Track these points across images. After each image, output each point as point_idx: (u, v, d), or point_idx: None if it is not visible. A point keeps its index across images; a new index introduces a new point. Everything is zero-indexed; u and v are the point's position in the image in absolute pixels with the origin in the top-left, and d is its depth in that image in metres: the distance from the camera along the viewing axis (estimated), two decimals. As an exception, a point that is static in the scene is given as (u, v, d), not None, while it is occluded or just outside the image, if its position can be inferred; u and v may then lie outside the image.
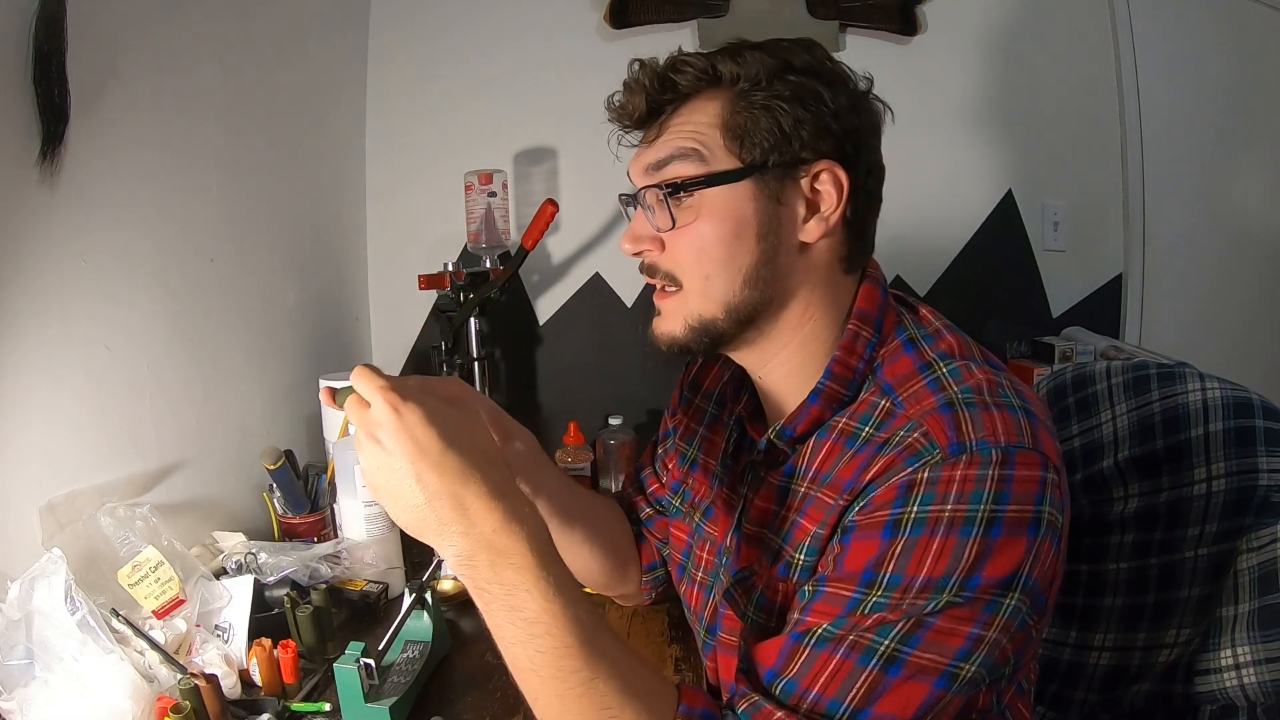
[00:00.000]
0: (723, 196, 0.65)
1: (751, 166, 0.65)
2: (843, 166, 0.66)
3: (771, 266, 0.66)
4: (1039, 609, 0.57)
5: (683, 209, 0.66)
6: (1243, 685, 0.72)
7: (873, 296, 0.68)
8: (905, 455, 0.58)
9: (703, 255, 0.66)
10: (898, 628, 0.54)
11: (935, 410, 0.59)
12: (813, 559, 0.62)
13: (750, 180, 0.65)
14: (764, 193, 0.65)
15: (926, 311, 0.71)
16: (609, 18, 1.58)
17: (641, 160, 0.69)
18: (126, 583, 0.84)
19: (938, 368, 0.63)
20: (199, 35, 1.12)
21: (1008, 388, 0.61)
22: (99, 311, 0.96)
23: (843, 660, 0.54)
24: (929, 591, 0.54)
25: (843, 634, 0.55)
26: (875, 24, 1.60)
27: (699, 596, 0.79)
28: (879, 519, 0.56)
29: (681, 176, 0.66)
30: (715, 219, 0.65)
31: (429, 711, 0.79)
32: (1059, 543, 0.57)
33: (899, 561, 0.55)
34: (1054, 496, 0.56)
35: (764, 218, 0.65)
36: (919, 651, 0.53)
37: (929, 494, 0.55)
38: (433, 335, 1.56)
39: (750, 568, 0.69)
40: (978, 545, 0.53)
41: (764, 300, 0.66)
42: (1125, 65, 1.64)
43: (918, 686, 0.53)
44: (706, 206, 0.65)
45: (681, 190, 0.65)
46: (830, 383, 0.65)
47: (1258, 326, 1.76)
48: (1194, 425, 0.76)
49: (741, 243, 0.65)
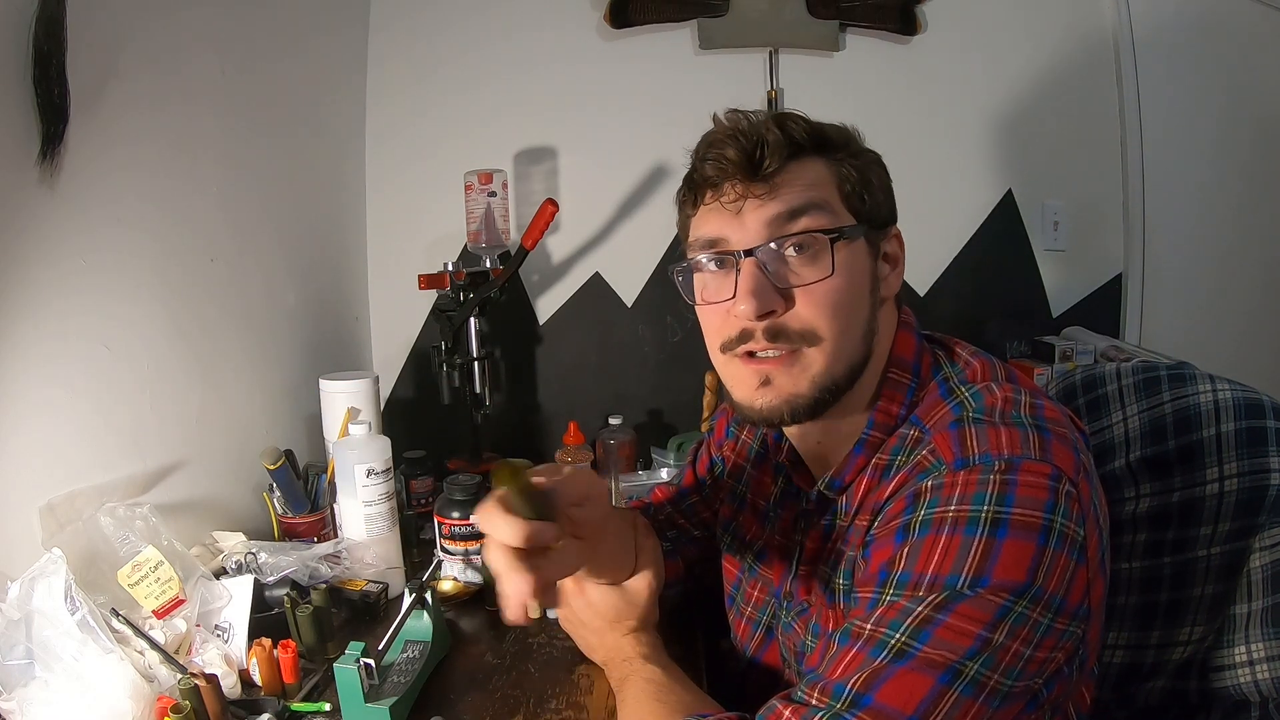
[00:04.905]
0: (850, 251, 0.66)
1: (871, 223, 0.68)
2: None
3: (874, 321, 0.69)
4: (1070, 619, 0.56)
5: (818, 264, 0.65)
6: (1256, 682, 0.73)
7: (908, 343, 0.71)
8: (915, 472, 0.61)
9: (839, 310, 0.65)
10: (908, 622, 0.55)
11: (945, 430, 0.62)
12: (848, 582, 0.67)
13: (864, 237, 0.67)
14: (872, 250, 0.69)
15: (959, 348, 0.73)
16: (609, 17, 1.58)
17: (764, 212, 0.65)
18: (126, 583, 0.84)
19: (960, 393, 0.67)
20: (198, 35, 1.12)
21: (1024, 405, 0.62)
22: (99, 311, 0.95)
23: (857, 652, 0.56)
24: (938, 588, 0.55)
25: (859, 628, 0.57)
26: (875, 24, 1.60)
27: (746, 629, 0.84)
28: (892, 527, 0.60)
29: (818, 228, 0.65)
30: (847, 273, 0.66)
31: (429, 711, 0.79)
32: (1081, 555, 0.56)
33: (908, 560, 0.57)
34: (1069, 508, 0.56)
35: (873, 273, 0.69)
36: (928, 647, 0.54)
37: (934, 498, 0.58)
38: (433, 335, 1.56)
39: (808, 600, 0.74)
40: (983, 544, 0.55)
41: (868, 357, 0.68)
42: (1125, 65, 1.65)
43: (922, 679, 0.53)
44: (840, 260, 0.65)
45: (842, 238, 0.65)
46: (874, 432, 0.69)
47: (1258, 326, 1.76)
48: (1206, 426, 0.77)
49: (863, 298, 0.68)
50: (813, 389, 0.66)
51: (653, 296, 1.68)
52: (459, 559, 1.05)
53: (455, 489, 1.05)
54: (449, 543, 1.05)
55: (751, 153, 0.65)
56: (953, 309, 1.68)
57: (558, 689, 0.83)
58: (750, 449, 0.87)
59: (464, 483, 1.06)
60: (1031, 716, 0.60)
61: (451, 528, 1.04)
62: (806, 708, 0.56)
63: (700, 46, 1.60)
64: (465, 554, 1.05)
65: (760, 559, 0.82)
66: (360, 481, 1.03)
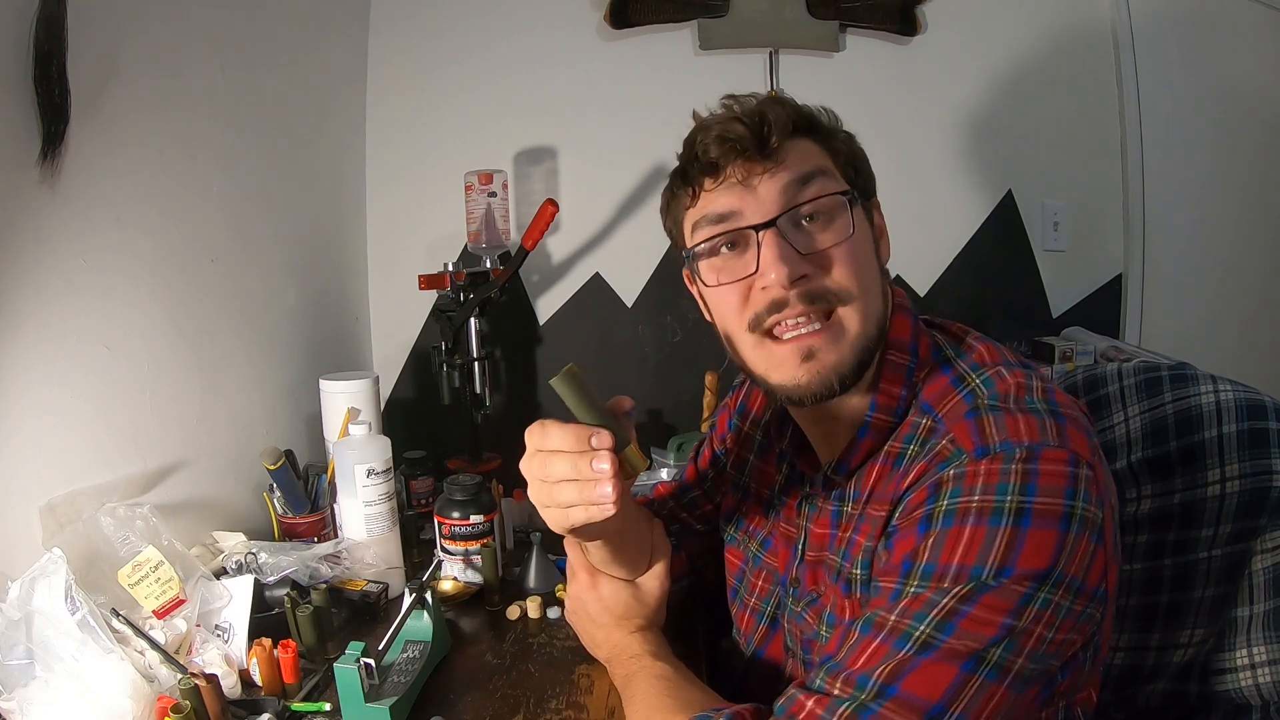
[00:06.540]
0: (859, 215, 0.68)
1: (865, 191, 0.71)
2: None
3: (886, 283, 0.71)
4: (1089, 600, 0.57)
5: (835, 226, 0.67)
6: (1257, 685, 0.73)
7: (904, 325, 0.71)
8: (935, 462, 0.61)
9: (864, 269, 0.67)
10: (933, 614, 0.56)
11: (962, 420, 0.62)
12: (866, 572, 0.66)
13: (861, 204, 0.70)
14: (869, 216, 0.72)
15: (956, 328, 0.74)
16: (609, 17, 1.58)
17: (775, 181, 0.66)
18: (126, 583, 0.84)
19: (971, 379, 0.66)
20: (199, 35, 1.12)
21: (1037, 391, 0.63)
22: (99, 311, 0.96)
23: (881, 643, 0.57)
24: (962, 579, 0.55)
25: (883, 619, 0.58)
26: (875, 24, 1.60)
27: (750, 621, 0.84)
28: (914, 517, 0.60)
29: (830, 192, 0.67)
30: (861, 234, 0.68)
31: (429, 711, 0.79)
32: (1100, 537, 0.57)
33: (932, 551, 0.57)
34: (1089, 492, 0.57)
35: (874, 237, 0.72)
36: (953, 638, 0.55)
37: (956, 488, 0.58)
38: (433, 335, 1.56)
39: (817, 590, 0.73)
40: (1008, 535, 0.55)
41: (889, 314, 0.70)
42: (1125, 65, 1.65)
43: (947, 668, 0.54)
44: (856, 221, 0.67)
45: (855, 200, 0.67)
46: (877, 414, 0.68)
47: (1258, 326, 1.76)
48: (1207, 427, 0.77)
49: (874, 260, 0.70)
50: (853, 352, 0.66)
51: (653, 297, 1.68)
52: (459, 559, 1.05)
53: (455, 489, 1.05)
54: (449, 543, 1.05)
55: (759, 129, 0.66)
56: (953, 309, 1.68)
57: (558, 689, 0.83)
58: (754, 440, 0.88)
59: (464, 483, 1.06)
60: (1045, 712, 0.60)
61: (451, 528, 1.04)
62: (830, 698, 0.56)
63: (700, 47, 1.60)
64: (465, 554, 1.05)
65: (765, 547, 0.83)
66: (360, 481, 1.03)
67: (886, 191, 0.75)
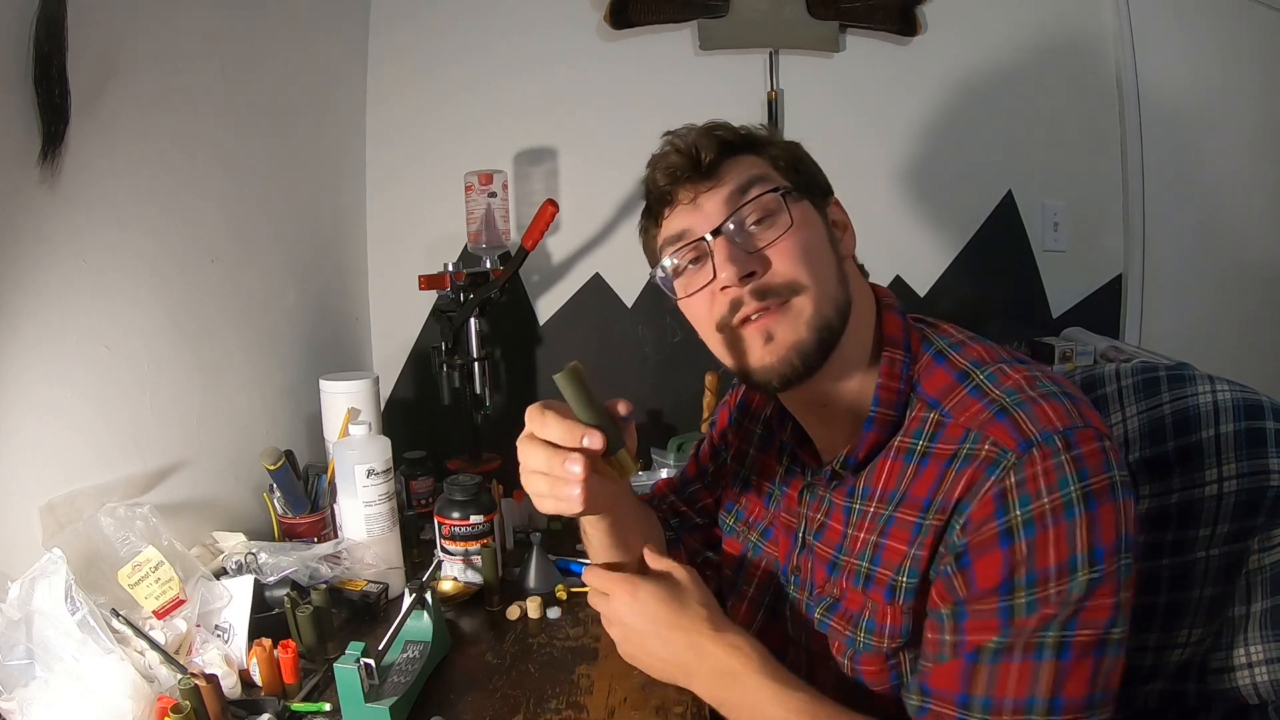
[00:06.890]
0: (801, 209, 0.73)
1: (809, 189, 0.75)
2: None
3: (843, 270, 0.74)
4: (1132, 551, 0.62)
5: (778, 223, 0.71)
6: (1255, 684, 0.73)
7: (895, 322, 0.75)
8: (984, 467, 0.63)
9: (810, 257, 0.71)
10: (1056, 619, 0.59)
11: (993, 420, 0.64)
12: (915, 580, 0.67)
13: (808, 200, 0.74)
14: (820, 214, 0.76)
15: (946, 326, 0.77)
16: (609, 18, 1.58)
17: (717, 195, 0.73)
18: (126, 583, 0.84)
19: (974, 375, 0.69)
20: (199, 36, 1.12)
21: (1044, 378, 0.67)
22: (99, 311, 0.96)
23: (1022, 664, 0.60)
24: (1065, 576, 0.59)
25: (1012, 641, 0.60)
26: (875, 24, 1.60)
27: (748, 611, 0.85)
28: (989, 534, 0.62)
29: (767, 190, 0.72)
30: (804, 225, 0.72)
31: (429, 711, 0.79)
32: (1134, 494, 0.63)
33: (1029, 561, 0.60)
34: (1116, 459, 0.62)
35: (826, 230, 0.75)
36: (1080, 632, 0.59)
37: (1024, 496, 0.61)
38: (433, 335, 1.56)
39: (834, 593, 0.74)
40: (1085, 521, 0.59)
41: (850, 300, 0.73)
42: (1125, 65, 1.65)
43: (1086, 663, 0.59)
44: (796, 215, 0.71)
45: (790, 193, 0.72)
46: (881, 408, 0.71)
47: (1258, 327, 1.76)
48: (1205, 427, 0.77)
49: (826, 249, 0.74)
50: (811, 331, 0.70)
51: (653, 297, 1.67)
52: (459, 559, 1.05)
53: (455, 489, 1.05)
54: (449, 543, 1.05)
55: (693, 154, 0.73)
56: (953, 309, 1.68)
57: (558, 689, 0.83)
58: (754, 434, 0.90)
59: (464, 483, 1.06)
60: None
61: (451, 528, 1.04)
62: None
63: (700, 47, 1.60)
64: (465, 554, 1.05)
65: (765, 536, 0.84)
66: (360, 482, 1.03)
67: (885, 191, 0.76)
